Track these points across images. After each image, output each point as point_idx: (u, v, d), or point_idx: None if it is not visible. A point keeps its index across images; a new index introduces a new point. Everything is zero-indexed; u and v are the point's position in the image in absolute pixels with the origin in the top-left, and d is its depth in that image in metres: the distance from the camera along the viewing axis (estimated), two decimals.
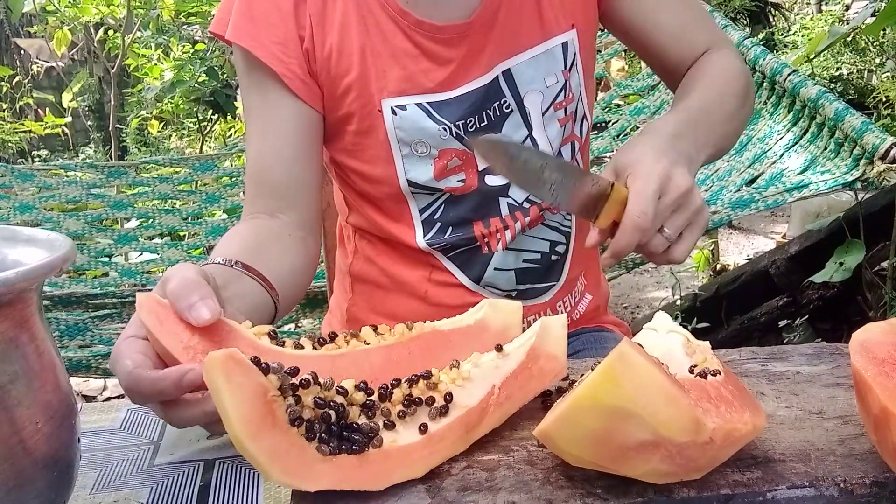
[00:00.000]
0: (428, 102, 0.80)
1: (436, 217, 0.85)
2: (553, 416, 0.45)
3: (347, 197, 0.92)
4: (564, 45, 0.84)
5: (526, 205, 0.86)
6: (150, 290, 0.56)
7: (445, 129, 0.81)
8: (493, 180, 0.84)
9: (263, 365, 0.45)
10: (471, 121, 0.81)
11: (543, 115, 0.84)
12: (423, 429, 0.50)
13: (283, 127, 0.81)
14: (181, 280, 0.53)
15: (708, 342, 0.57)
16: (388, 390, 0.51)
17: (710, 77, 0.83)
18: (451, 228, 0.86)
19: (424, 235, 0.86)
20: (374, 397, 0.50)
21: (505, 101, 0.82)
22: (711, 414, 0.44)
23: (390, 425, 0.49)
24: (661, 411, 0.41)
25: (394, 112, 0.80)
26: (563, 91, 0.84)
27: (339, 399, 0.48)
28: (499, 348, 0.56)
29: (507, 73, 0.82)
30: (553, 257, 0.90)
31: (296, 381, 0.47)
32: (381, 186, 0.85)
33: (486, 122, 0.82)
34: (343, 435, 0.47)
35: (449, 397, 0.51)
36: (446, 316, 0.92)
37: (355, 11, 0.79)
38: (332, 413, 0.47)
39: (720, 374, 0.51)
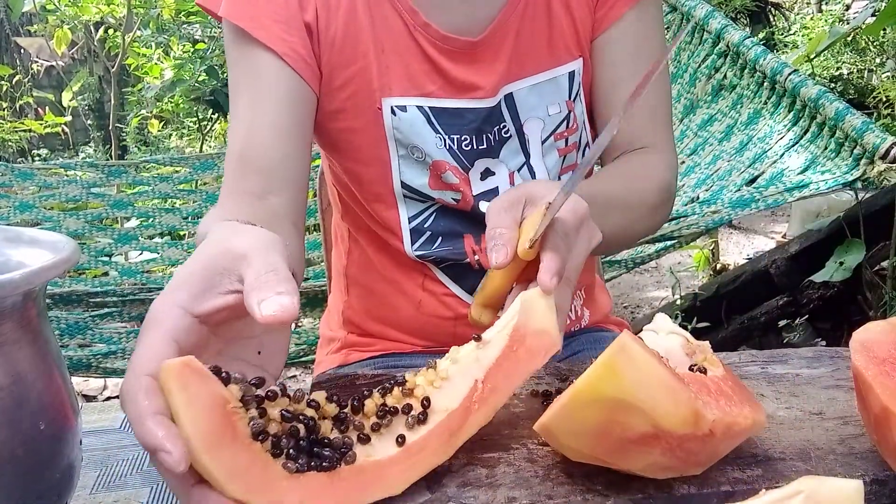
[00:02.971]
0: (429, 107, 0.78)
1: (426, 226, 0.83)
2: (553, 410, 0.45)
3: (341, 194, 0.89)
4: (571, 75, 0.81)
5: None
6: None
7: (441, 140, 0.78)
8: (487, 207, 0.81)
9: (224, 374, 0.42)
10: (466, 139, 0.79)
11: (543, 143, 0.82)
12: (401, 440, 0.47)
13: (277, 98, 0.74)
14: (266, 265, 0.45)
15: (708, 342, 0.57)
16: (360, 401, 0.48)
17: (639, 180, 0.80)
18: (440, 239, 0.83)
19: (412, 245, 0.83)
20: (347, 410, 0.47)
21: (504, 126, 0.80)
22: (711, 406, 0.44)
23: (365, 439, 0.46)
24: (662, 403, 0.41)
25: (393, 112, 0.78)
26: (566, 121, 0.82)
27: (310, 412, 0.45)
28: (477, 338, 0.51)
29: (510, 98, 0.80)
30: None
31: (262, 392, 0.44)
32: (371, 187, 0.82)
33: (484, 146, 0.80)
34: (313, 451, 0.44)
35: (427, 402, 0.48)
36: (439, 326, 0.91)
37: (363, 1, 0.76)
38: (301, 427, 0.44)
39: (720, 371, 0.51)
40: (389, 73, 0.77)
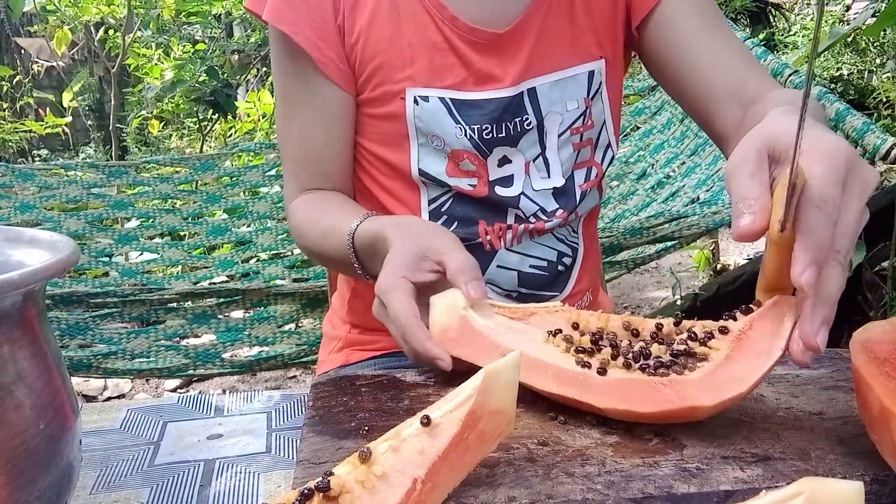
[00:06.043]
0: (450, 98, 0.82)
1: (443, 210, 0.86)
2: None
3: (359, 179, 0.92)
4: (591, 74, 0.85)
5: (532, 219, 0.86)
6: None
7: (462, 130, 0.82)
8: (503, 191, 0.85)
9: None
10: (487, 128, 0.82)
11: (559, 137, 0.85)
12: None
13: (328, 117, 0.85)
14: (466, 259, 0.64)
15: None
16: None
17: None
18: (456, 223, 0.86)
19: None
20: None
21: (526, 118, 0.84)
22: None
23: None
24: None
25: (416, 102, 0.81)
26: (583, 117, 0.86)
27: None
28: (426, 421, 0.44)
29: (532, 92, 0.83)
30: (559, 267, 0.90)
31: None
32: (393, 171, 0.86)
33: (503, 134, 0.83)
34: None
35: None
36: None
37: (389, 0, 0.81)
38: None
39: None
40: (413, 65, 0.81)
